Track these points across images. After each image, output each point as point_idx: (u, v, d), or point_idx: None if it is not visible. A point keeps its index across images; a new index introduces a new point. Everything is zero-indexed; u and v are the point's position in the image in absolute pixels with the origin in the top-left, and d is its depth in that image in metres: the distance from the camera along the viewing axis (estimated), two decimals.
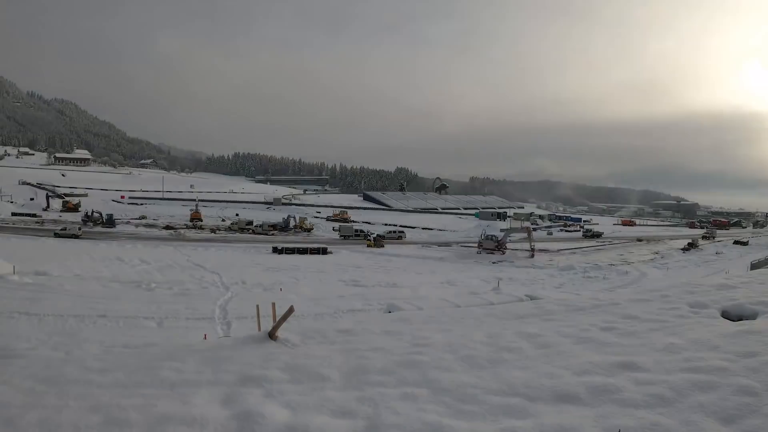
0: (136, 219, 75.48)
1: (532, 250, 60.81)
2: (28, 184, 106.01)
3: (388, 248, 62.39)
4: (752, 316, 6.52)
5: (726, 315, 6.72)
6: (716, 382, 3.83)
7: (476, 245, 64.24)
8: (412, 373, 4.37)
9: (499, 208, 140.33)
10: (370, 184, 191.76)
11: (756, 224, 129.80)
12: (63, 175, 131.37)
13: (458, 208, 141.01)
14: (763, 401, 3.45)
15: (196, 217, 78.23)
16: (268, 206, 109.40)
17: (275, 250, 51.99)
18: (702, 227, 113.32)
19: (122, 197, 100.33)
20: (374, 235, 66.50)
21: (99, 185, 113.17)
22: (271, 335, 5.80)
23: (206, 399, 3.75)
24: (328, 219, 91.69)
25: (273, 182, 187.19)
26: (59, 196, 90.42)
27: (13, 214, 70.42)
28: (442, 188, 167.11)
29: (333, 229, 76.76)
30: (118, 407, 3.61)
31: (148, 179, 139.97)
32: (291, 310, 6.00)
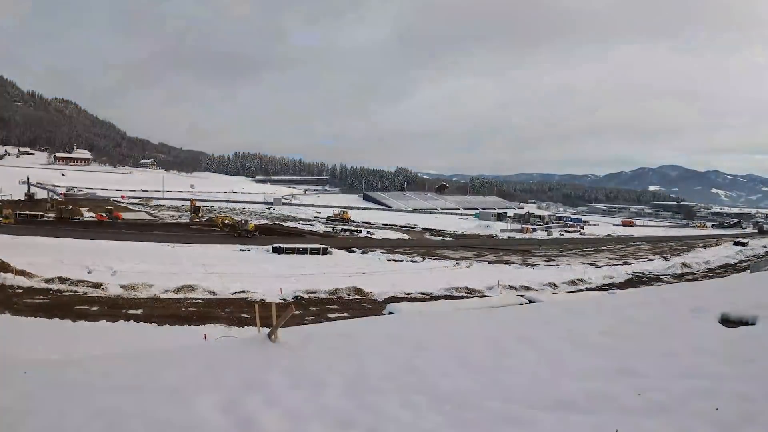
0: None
1: None
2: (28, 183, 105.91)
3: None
4: (753, 321, 6.52)
5: (726, 319, 6.72)
6: (715, 388, 3.82)
7: None
8: (412, 379, 4.37)
9: (499, 208, 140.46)
10: (371, 184, 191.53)
11: (756, 225, 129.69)
12: (63, 174, 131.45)
13: (458, 209, 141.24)
14: (762, 408, 3.45)
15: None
16: (269, 206, 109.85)
17: (275, 250, 52.16)
18: None
19: (122, 197, 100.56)
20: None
21: (99, 185, 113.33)
22: (271, 336, 5.81)
23: (207, 405, 3.75)
24: (328, 219, 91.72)
25: (273, 182, 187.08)
26: (58, 195, 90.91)
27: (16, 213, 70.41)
28: (442, 188, 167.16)
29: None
30: (119, 413, 3.61)
31: (148, 179, 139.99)
32: (291, 310, 6.01)
